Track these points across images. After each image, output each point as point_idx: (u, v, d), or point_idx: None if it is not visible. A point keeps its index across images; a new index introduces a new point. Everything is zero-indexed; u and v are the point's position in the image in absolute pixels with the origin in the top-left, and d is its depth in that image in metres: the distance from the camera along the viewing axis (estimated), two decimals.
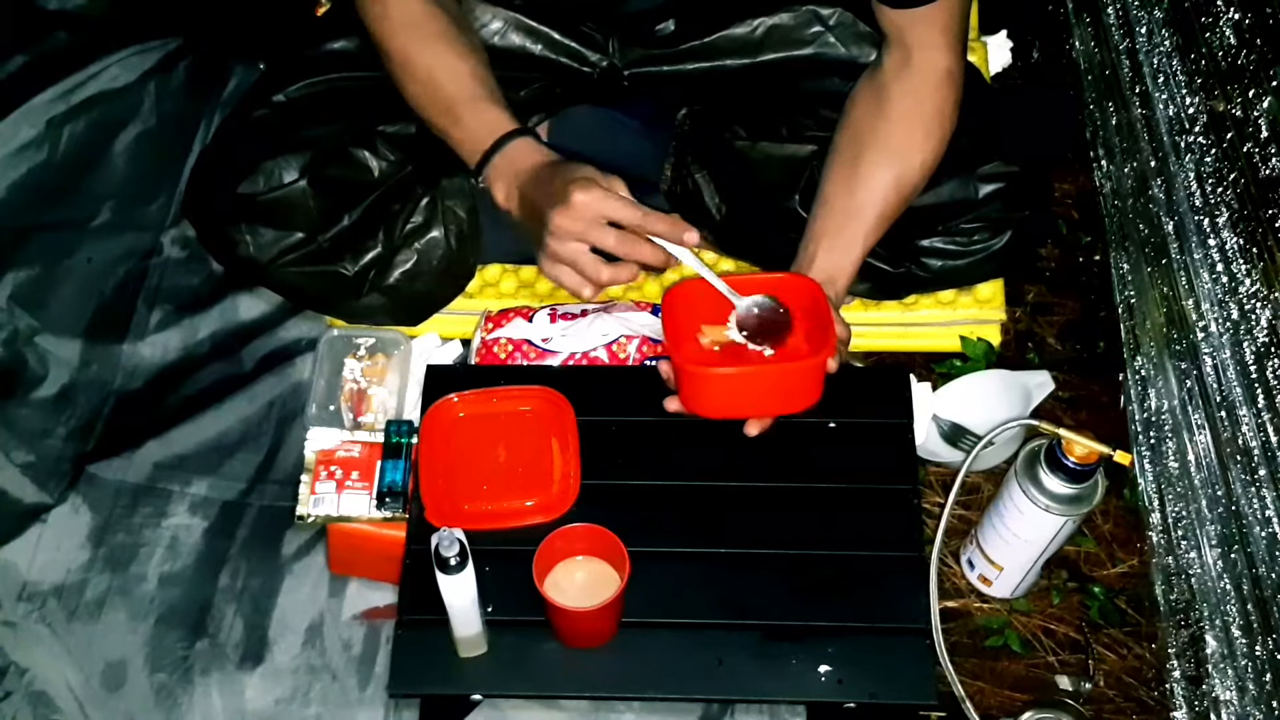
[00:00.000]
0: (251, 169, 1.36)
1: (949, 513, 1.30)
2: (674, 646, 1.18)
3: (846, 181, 1.30)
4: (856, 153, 1.30)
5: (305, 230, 1.39)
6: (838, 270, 1.29)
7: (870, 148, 1.30)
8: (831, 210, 1.30)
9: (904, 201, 1.31)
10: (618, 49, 1.43)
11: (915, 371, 1.46)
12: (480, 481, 1.25)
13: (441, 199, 1.44)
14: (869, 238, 1.30)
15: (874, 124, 1.30)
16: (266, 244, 1.39)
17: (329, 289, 1.44)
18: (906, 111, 1.29)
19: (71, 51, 1.79)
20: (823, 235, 1.30)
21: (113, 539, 1.45)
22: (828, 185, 1.31)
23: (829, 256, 1.29)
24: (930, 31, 1.27)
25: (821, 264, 1.29)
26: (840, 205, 1.30)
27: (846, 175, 1.30)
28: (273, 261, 1.40)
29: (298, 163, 1.36)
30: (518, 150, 1.29)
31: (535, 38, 1.42)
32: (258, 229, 1.38)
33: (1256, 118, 1.18)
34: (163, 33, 1.82)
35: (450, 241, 1.45)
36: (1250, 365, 1.19)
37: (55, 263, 1.64)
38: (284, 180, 1.36)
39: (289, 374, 1.57)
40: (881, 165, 1.29)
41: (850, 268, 1.30)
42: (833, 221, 1.30)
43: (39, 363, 1.56)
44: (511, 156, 1.29)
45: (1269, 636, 1.15)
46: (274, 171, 1.36)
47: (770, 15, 1.42)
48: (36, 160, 1.70)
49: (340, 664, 1.38)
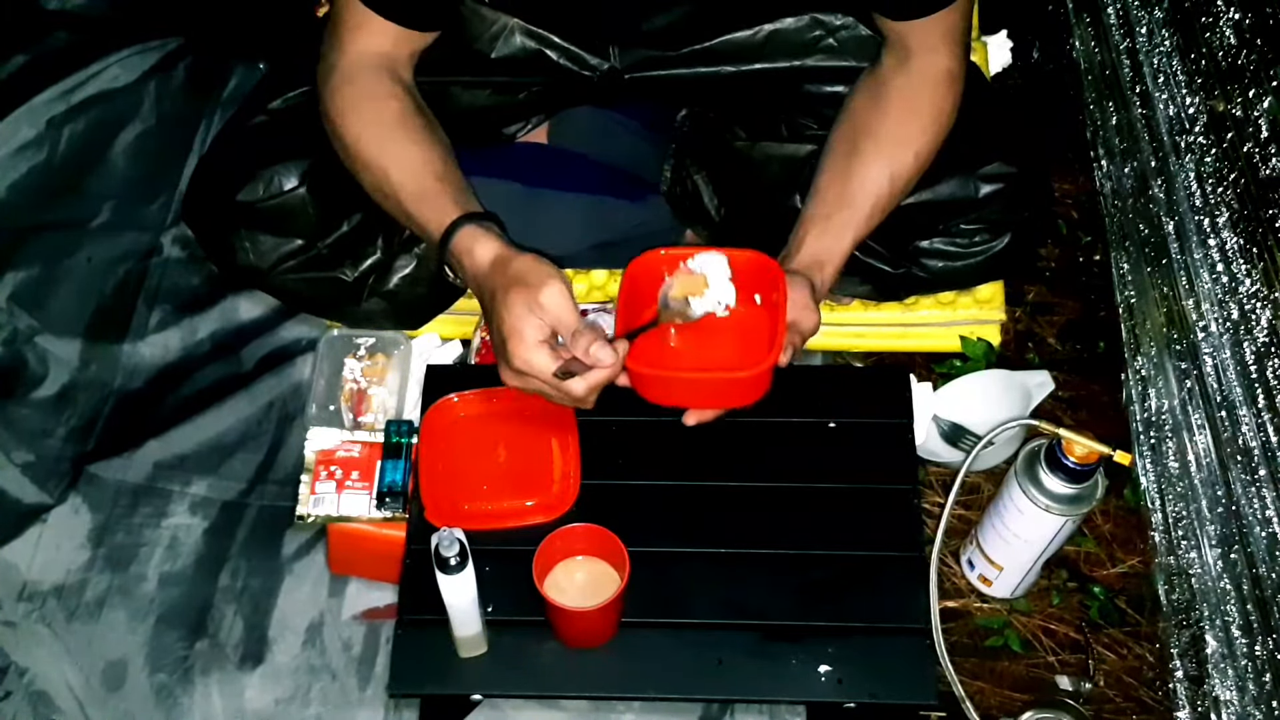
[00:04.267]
0: (251, 176, 1.36)
1: (949, 513, 1.30)
2: (674, 646, 1.18)
3: (841, 172, 1.30)
4: (852, 145, 1.30)
5: (305, 237, 1.39)
6: (826, 256, 1.28)
7: (866, 140, 1.29)
8: (824, 198, 1.30)
9: (897, 195, 1.30)
10: (618, 53, 1.43)
11: (915, 371, 1.46)
12: (480, 481, 1.25)
13: None
14: (860, 227, 1.29)
15: (871, 118, 1.30)
16: (266, 251, 1.39)
17: (329, 295, 1.44)
18: (904, 107, 1.29)
19: (71, 51, 1.79)
20: (813, 222, 1.29)
21: (113, 539, 1.46)
22: (822, 176, 1.31)
23: (819, 241, 1.28)
24: (931, 35, 1.27)
25: (810, 249, 1.28)
26: (833, 194, 1.29)
27: (841, 166, 1.30)
28: (272, 268, 1.40)
29: (297, 170, 1.36)
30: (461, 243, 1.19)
31: (537, 41, 1.42)
32: (257, 236, 1.38)
33: (1256, 118, 1.18)
34: (163, 33, 1.82)
35: None
36: (1250, 365, 1.19)
37: (55, 263, 1.64)
38: (284, 187, 1.36)
39: (289, 374, 1.57)
40: (876, 158, 1.28)
41: (839, 255, 1.29)
42: (824, 209, 1.29)
43: (39, 363, 1.56)
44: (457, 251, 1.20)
45: (1269, 636, 1.15)
46: (273, 179, 1.36)
47: (772, 21, 1.42)
48: (36, 160, 1.71)
49: (340, 664, 1.38)
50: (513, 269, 1.15)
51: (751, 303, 1.21)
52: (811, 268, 1.25)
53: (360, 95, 1.27)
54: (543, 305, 1.11)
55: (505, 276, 1.15)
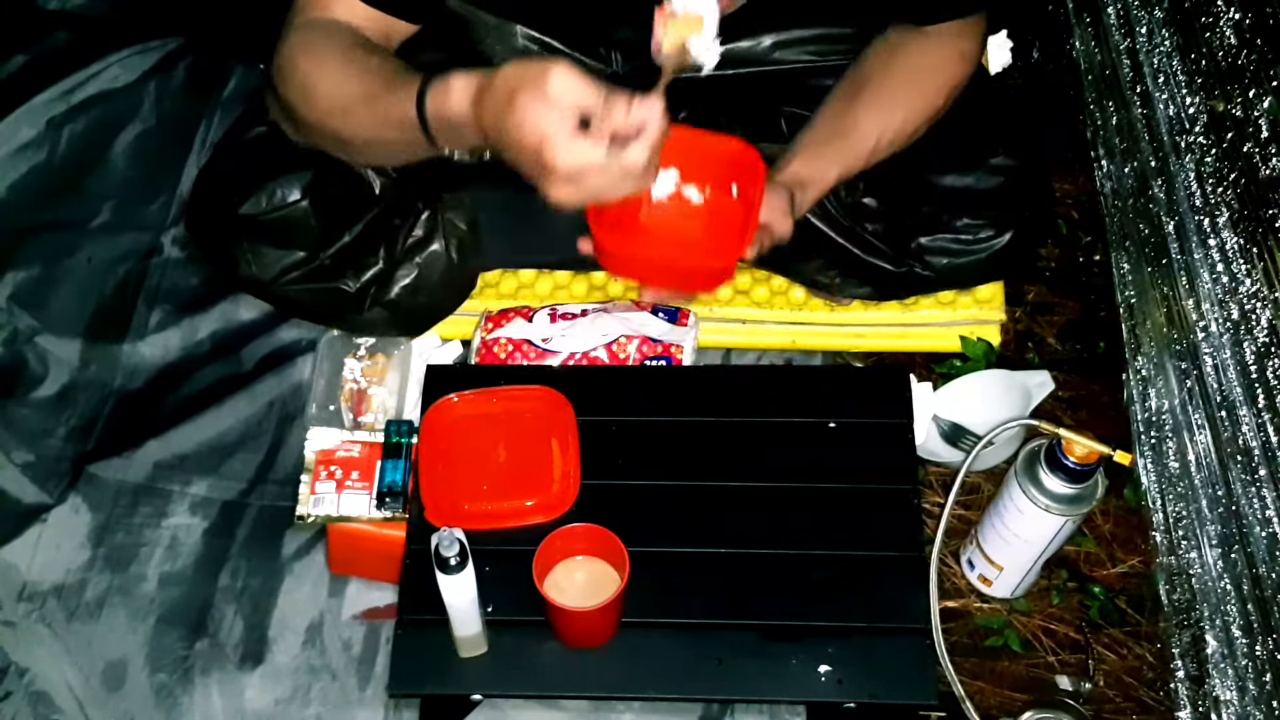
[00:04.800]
0: (253, 189, 1.36)
1: (949, 513, 1.30)
2: (674, 646, 1.18)
3: (838, 116, 1.33)
4: (854, 95, 1.33)
5: (307, 248, 1.39)
6: (809, 179, 1.31)
7: (867, 91, 1.33)
8: (817, 133, 1.33)
9: (887, 148, 1.33)
10: (619, 58, 1.43)
11: (915, 371, 1.46)
12: (480, 481, 1.25)
13: (442, 213, 1.44)
14: (849, 162, 1.32)
15: (876, 75, 1.34)
16: (269, 263, 1.39)
17: (331, 305, 1.44)
18: (911, 70, 1.33)
19: (71, 51, 1.79)
20: (805, 148, 1.32)
21: (113, 539, 1.45)
22: (819, 115, 1.35)
23: (806, 166, 1.31)
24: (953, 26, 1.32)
25: (796, 168, 1.31)
26: (827, 129, 1.33)
27: (839, 111, 1.33)
28: (275, 279, 1.40)
29: (299, 182, 1.36)
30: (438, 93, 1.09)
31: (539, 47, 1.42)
32: (260, 248, 1.38)
33: (1256, 118, 1.18)
34: (163, 33, 1.82)
35: (451, 254, 1.45)
36: (1250, 365, 1.19)
37: (55, 263, 1.64)
38: (286, 200, 1.36)
39: (289, 374, 1.57)
40: (877, 109, 1.32)
41: (823, 182, 1.32)
42: (816, 139, 1.33)
43: (39, 363, 1.56)
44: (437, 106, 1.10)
45: (1269, 636, 1.15)
46: (276, 191, 1.36)
47: (777, 32, 1.42)
48: (36, 160, 1.70)
49: (340, 664, 1.38)
50: (501, 81, 1.03)
51: (727, 192, 1.22)
52: (794, 185, 1.28)
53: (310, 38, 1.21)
54: (554, 94, 0.99)
55: (498, 93, 1.03)
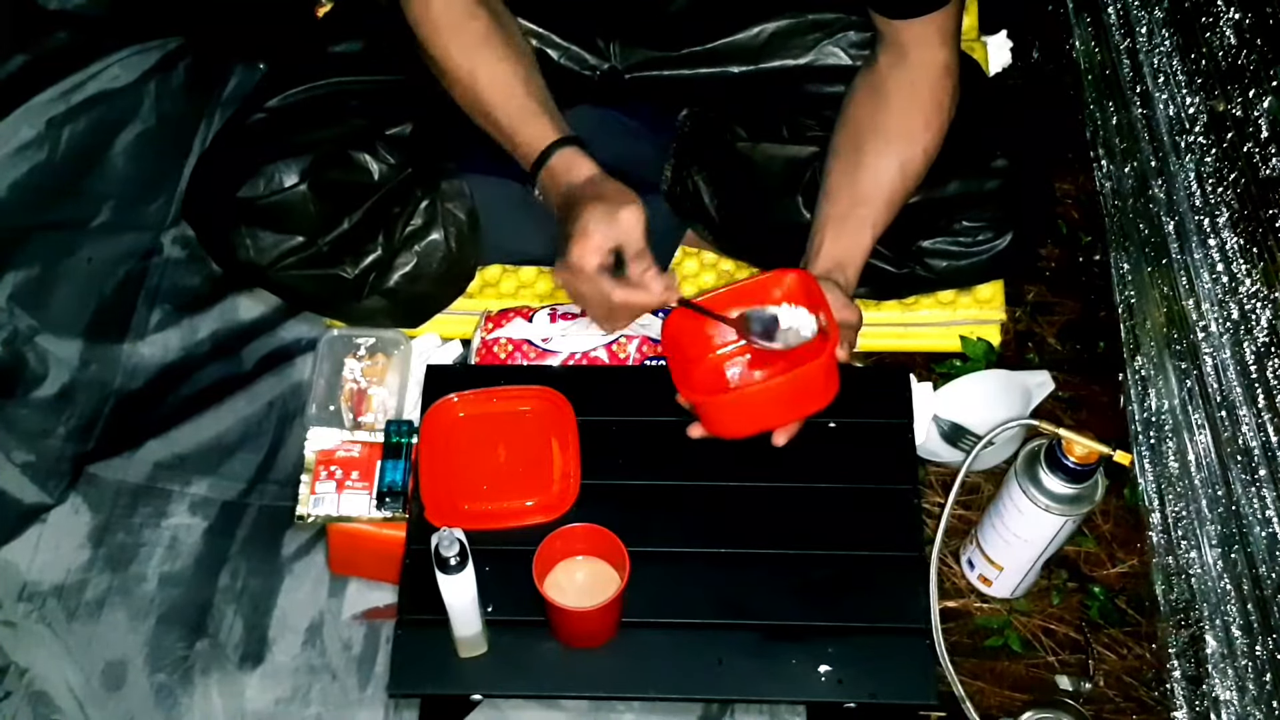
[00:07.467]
0: (252, 173, 1.36)
1: (949, 513, 1.30)
2: (674, 646, 1.18)
3: (850, 172, 1.31)
4: (858, 144, 1.31)
5: (305, 234, 1.39)
6: (847, 256, 1.30)
7: (871, 138, 1.30)
8: (837, 200, 1.31)
9: (909, 188, 1.31)
10: (619, 52, 1.43)
11: (915, 371, 1.46)
12: (480, 481, 1.25)
13: (441, 201, 1.44)
14: (877, 223, 1.30)
15: (873, 116, 1.31)
16: (266, 247, 1.39)
17: (329, 292, 1.44)
18: (905, 102, 1.30)
19: (71, 51, 1.79)
20: (829, 223, 1.30)
21: (113, 539, 1.46)
22: (831, 178, 1.32)
23: (837, 243, 1.30)
24: (927, 31, 1.28)
25: (830, 251, 1.29)
26: (846, 194, 1.31)
27: (850, 166, 1.31)
28: (273, 265, 1.40)
29: (298, 167, 1.36)
30: (559, 163, 1.28)
31: (538, 41, 1.42)
32: (258, 232, 1.38)
33: (1256, 118, 1.18)
34: (163, 33, 1.83)
35: (450, 244, 1.45)
36: (1250, 365, 1.19)
37: (55, 263, 1.64)
38: (284, 184, 1.36)
39: (289, 374, 1.57)
40: (884, 153, 1.30)
41: (860, 253, 1.30)
42: (839, 209, 1.30)
43: (39, 363, 1.56)
44: (554, 170, 1.28)
45: (1269, 636, 1.15)
46: (274, 175, 1.36)
47: (771, 21, 1.42)
48: (36, 160, 1.71)
49: (340, 664, 1.38)
50: (602, 186, 1.25)
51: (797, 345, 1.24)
52: (833, 270, 1.27)
53: (446, 9, 1.31)
54: (617, 219, 1.20)
55: (594, 189, 1.24)
